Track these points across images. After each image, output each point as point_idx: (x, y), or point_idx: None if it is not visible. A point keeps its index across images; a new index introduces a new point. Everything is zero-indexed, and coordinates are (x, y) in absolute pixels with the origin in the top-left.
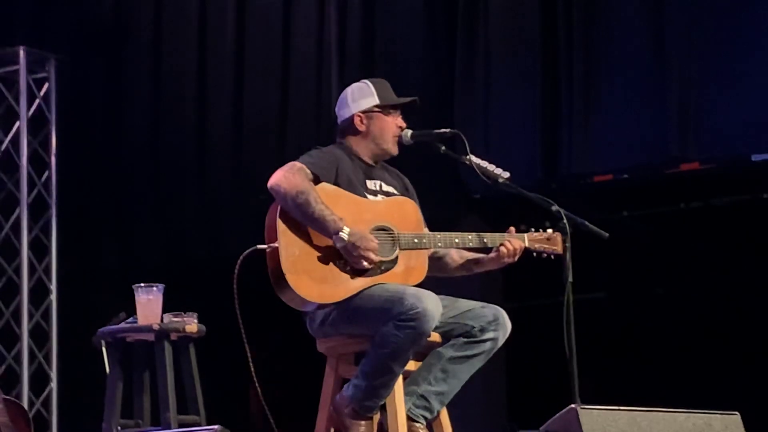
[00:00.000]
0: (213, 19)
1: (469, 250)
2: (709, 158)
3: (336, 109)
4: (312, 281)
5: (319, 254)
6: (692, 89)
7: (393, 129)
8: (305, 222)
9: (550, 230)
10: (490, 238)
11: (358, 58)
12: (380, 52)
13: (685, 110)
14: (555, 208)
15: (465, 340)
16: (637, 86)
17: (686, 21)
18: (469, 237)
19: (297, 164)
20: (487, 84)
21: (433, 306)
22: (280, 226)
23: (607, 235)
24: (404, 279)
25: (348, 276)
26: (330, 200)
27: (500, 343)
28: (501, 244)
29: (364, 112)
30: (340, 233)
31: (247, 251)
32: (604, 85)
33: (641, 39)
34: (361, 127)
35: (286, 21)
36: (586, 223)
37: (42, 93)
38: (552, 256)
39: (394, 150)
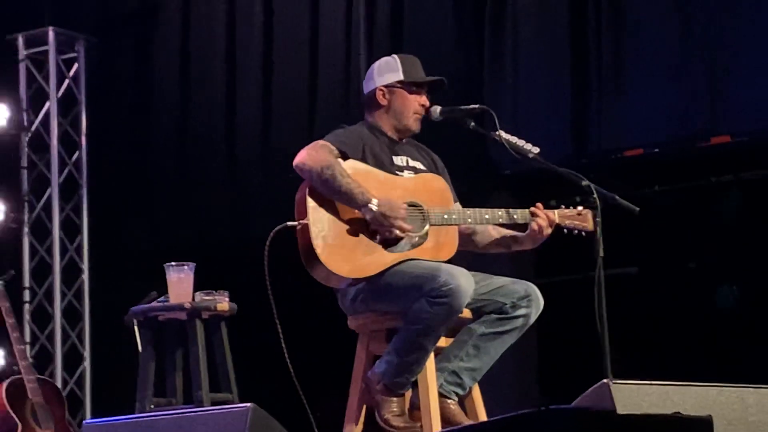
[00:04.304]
0: None
1: (500, 226)
2: (740, 131)
3: (363, 81)
4: (342, 257)
5: (349, 230)
6: (722, 62)
7: (414, 106)
8: (333, 197)
9: (580, 207)
10: (520, 213)
11: (386, 37)
12: (408, 30)
13: (715, 83)
14: (585, 182)
15: (497, 316)
16: (667, 59)
17: None
18: (499, 213)
19: (321, 141)
20: (516, 60)
21: (466, 282)
22: (310, 202)
23: (638, 209)
24: (434, 255)
25: (379, 251)
26: (359, 177)
27: (533, 319)
28: (533, 218)
29: (386, 86)
30: (369, 204)
31: (278, 227)
32: (634, 58)
33: (671, 11)
34: (383, 102)
35: (314, 1)
36: (617, 197)
37: (71, 73)
38: (583, 233)
39: (415, 127)
